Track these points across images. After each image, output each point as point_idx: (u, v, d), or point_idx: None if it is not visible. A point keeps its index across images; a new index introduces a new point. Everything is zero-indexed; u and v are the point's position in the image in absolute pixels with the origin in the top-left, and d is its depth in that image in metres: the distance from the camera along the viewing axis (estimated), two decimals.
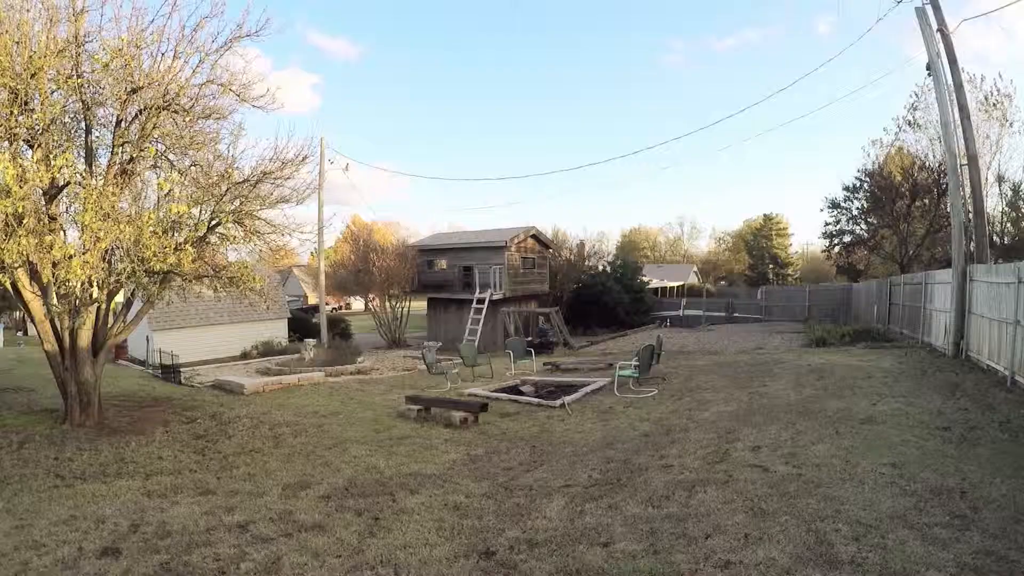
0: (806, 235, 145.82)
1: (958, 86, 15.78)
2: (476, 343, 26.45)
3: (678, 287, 63.57)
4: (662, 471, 7.18)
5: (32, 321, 11.29)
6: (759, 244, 79.35)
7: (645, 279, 44.62)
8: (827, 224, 37.59)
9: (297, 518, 6.17)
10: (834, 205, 36.30)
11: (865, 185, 34.02)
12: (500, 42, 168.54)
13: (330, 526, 5.88)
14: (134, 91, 10.27)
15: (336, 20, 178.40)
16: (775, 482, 6.05)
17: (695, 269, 78.97)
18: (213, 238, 12.07)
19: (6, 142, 9.43)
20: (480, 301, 31.00)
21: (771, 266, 77.48)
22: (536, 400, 13.83)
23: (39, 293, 10.84)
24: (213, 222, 11.77)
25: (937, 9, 15.75)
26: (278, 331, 30.41)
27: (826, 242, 39.14)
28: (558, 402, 13.14)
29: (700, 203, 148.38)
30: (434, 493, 7.00)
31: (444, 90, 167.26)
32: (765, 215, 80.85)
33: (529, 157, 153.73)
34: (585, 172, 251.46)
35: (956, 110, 15.88)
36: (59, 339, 11.32)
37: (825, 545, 4.49)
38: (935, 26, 15.74)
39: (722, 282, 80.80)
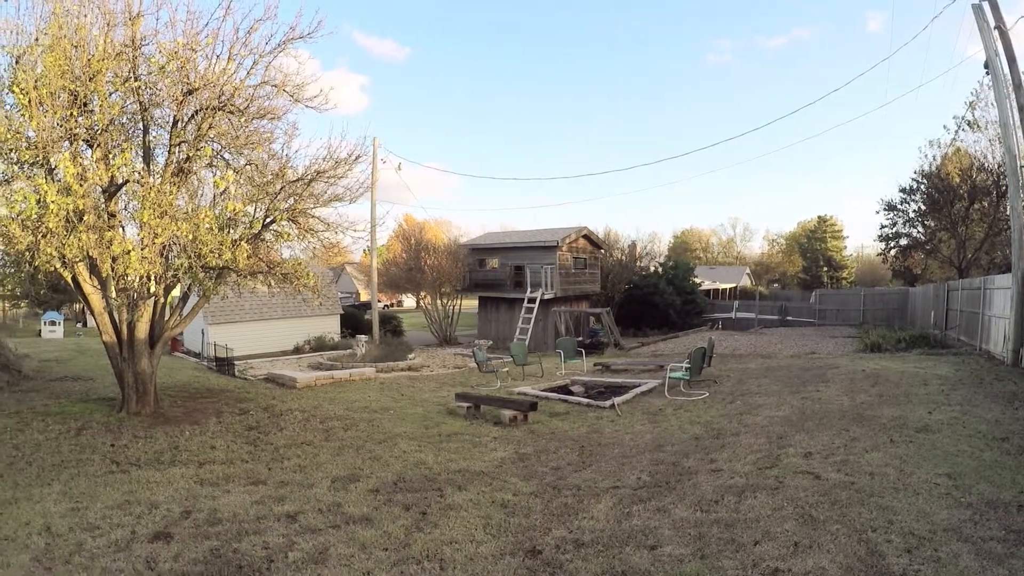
0: (861, 238, 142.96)
1: (1017, 85, 15.22)
2: (527, 342, 26.44)
3: (730, 289, 62.85)
4: (712, 475, 7.06)
5: (91, 313, 11.61)
6: (813, 246, 77.66)
7: (697, 281, 44.09)
8: (883, 227, 36.39)
9: (345, 510, 6.23)
10: (890, 207, 35.18)
11: (922, 187, 32.81)
12: (548, 42, 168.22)
13: (378, 519, 5.91)
14: (190, 92, 10.49)
15: (382, 22, 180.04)
16: (826, 490, 5.89)
17: (748, 271, 77.85)
18: (268, 235, 12.25)
19: (67, 142, 9.74)
20: (531, 300, 30.95)
21: (825, 269, 75.73)
22: (586, 400, 13.73)
23: (98, 287, 11.15)
24: (268, 220, 11.96)
25: (995, 7, 15.25)
26: (330, 327, 30.83)
27: (882, 245, 37.86)
28: (608, 403, 13.02)
29: (753, 204, 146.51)
30: (482, 490, 6.98)
31: (492, 89, 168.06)
32: (819, 217, 79.10)
33: (580, 157, 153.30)
34: (637, 172, 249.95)
35: (1016, 110, 15.33)
36: (117, 331, 11.63)
37: (876, 556, 4.36)
38: (992, 23, 15.23)
39: (775, 285, 79.56)
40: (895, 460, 6.80)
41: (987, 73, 15.82)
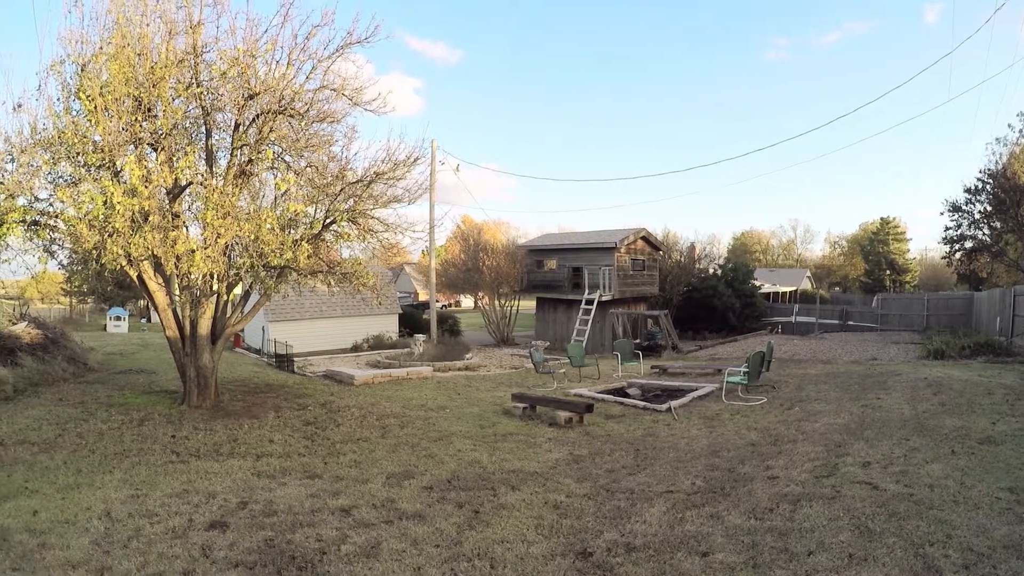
0: (924, 240, 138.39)
1: None
2: (584, 344, 26.29)
3: (790, 292, 61.51)
4: (767, 482, 6.90)
5: (155, 309, 11.98)
6: (875, 249, 75.10)
7: (756, 283, 43.25)
8: (947, 228, 34.72)
9: (399, 506, 6.29)
10: (955, 208, 33.65)
11: (987, 187, 31.36)
12: (601, 44, 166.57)
13: (431, 516, 5.95)
14: (251, 97, 10.72)
15: (435, 25, 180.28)
16: (884, 501, 5.70)
17: (808, 274, 75.95)
18: (328, 235, 12.46)
19: (132, 146, 10.09)
20: (589, 302, 30.81)
21: (887, 272, 73.21)
22: (642, 403, 13.58)
23: (163, 284, 11.51)
24: (328, 220, 12.16)
25: None
26: (388, 326, 31.10)
27: (946, 247, 36.40)
28: (664, 406, 12.86)
29: (814, 206, 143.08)
30: (535, 491, 6.96)
31: (545, 91, 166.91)
32: (882, 218, 76.29)
33: (637, 158, 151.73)
34: (696, 173, 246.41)
35: None
36: (180, 327, 11.97)
37: (932, 572, 4.20)
38: None
39: (836, 288, 77.51)
40: (956, 472, 6.56)
41: None
